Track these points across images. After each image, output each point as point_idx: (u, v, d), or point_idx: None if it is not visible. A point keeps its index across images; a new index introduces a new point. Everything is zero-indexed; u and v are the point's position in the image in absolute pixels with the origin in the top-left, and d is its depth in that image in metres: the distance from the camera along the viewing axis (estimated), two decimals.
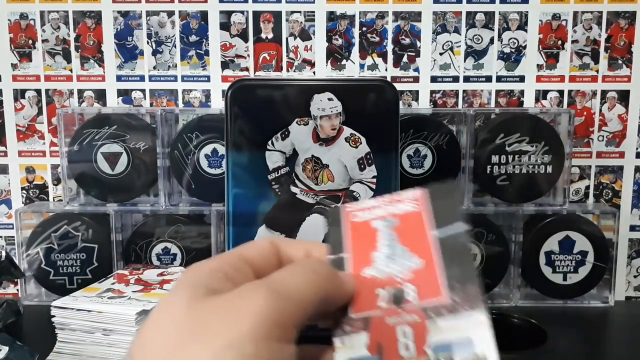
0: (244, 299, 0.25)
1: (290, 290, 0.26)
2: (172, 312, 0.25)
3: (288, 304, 0.25)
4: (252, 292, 0.25)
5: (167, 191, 0.87)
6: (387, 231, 0.32)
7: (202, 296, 0.25)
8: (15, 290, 0.93)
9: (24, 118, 0.92)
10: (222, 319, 0.24)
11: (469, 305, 0.27)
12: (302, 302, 0.26)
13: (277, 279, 0.26)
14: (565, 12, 0.90)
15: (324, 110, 0.73)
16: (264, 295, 0.25)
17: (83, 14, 0.90)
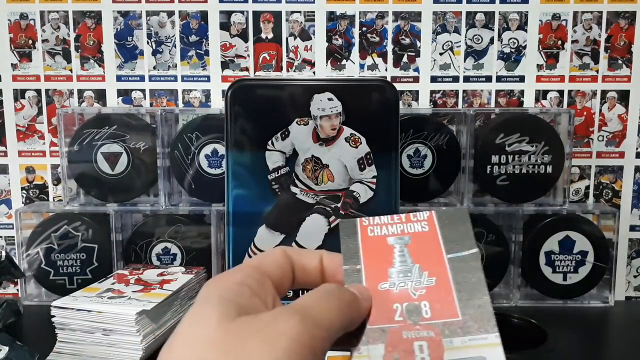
0: (278, 324, 0.25)
1: (321, 317, 0.26)
2: (204, 329, 0.25)
3: (320, 330, 0.26)
4: (286, 318, 0.25)
5: (167, 191, 0.87)
6: (401, 248, 0.33)
7: (234, 315, 0.25)
8: (15, 290, 0.93)
9: (24, 118, 0.92)
10: (258, 341, 0.24)
11: (483, 328, 0.28)
12: (330, 329, 0.26)
13: (308, 304, 0.27)
14: (565, 12, 0.90)
15: (324, 110, 0.73)
16: (297, 321, 0.25)
17: (83, 14, 0.90)
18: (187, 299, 0.76)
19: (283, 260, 0.31)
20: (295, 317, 0.25)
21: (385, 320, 0.30)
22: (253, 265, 0.30)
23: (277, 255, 0.31)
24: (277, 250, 0.32)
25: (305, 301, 0.27)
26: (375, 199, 0.74)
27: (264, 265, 0.30)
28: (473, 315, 0.29)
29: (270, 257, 0.31)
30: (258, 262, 0.30)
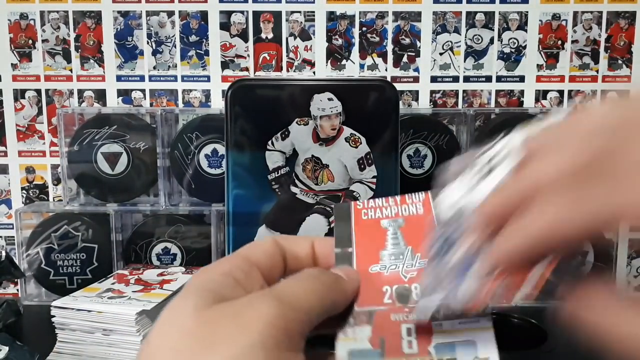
0: (253, 308, 0.25)
1: (298, 300, 0.26)
2: (179, 319, 0.25)
3: (296, 313, 0.25)
4: (260, 302, 0.25)
5: (167, 191, 0.87)
6: (394, 231, 0.33)
7: (210, 303, 0.25)
8: (15, 290, 0.93)
9: (24, 118, 0.92)
10: (231, 327, 0.24)
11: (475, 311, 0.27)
12: (309, 312, 0.26)
13: (285, 288, 0.27)
14: (565, 12, 0.90)
15: (324, 110, 0.73)
16: (273, 305, 0.25)
17: (83, 14, 0.90)
18: None
19: (273, 249, 0.31)
20: (270, 300, 0.25)
21: (373, 303, 0.29)
22: (242, 255, 0.29)
23: (267, 244, 0.31)
24: (268, 239, 0.31)
25: (283, 285, 0.27)
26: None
27: (253, 255, 0.29)
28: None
29: (260, 247, 0.30)
30: (247, 252, 0.30)
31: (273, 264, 0.30)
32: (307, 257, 0.32)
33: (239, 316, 0.24)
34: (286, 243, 0.32)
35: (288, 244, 0.32)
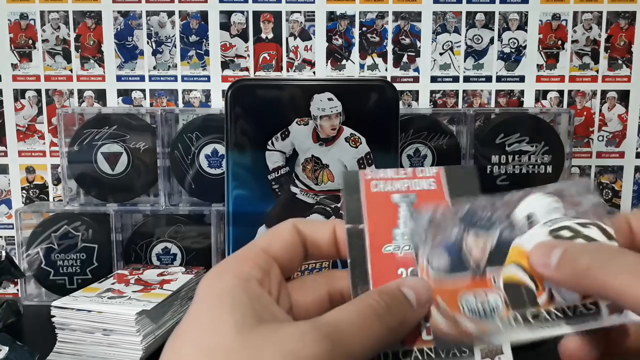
0: (306, 347, 0.23)
1: (355, 346, 0.25)
2: (219, 337, 0.23)
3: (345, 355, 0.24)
4: (314, 341, 0.24)
5: (167, 191, 0.87)
6: (407, 207, 0.31)
7: (251, 323, 0.24)
8: (15, 290, 0.93)
9: (24, 118, 0.92)
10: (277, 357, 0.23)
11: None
12: (354, 346, 0.25)
13: (343, 329, 0.25)
14: (565, 12, 0.90)
15: (324, 110, 0.73)
16: (326, 349, 0.24)
17: (83, 14, 0.90)
18: (187, 299, 0.76)
19: (293, 238, 0.29)
20: (324, 342, 0.24)
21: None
22: (259, 248, 0.28)
23: (286, 233, 0.30)
24: (288, 226, 0.30)
25: (340, 321, 0.25)
26: None
27: (272, 248, 0.28)
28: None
29: (279, 237, 0.29)
30: (267, 244, 0.29)
31: (292, 256, 0.29)
32: (328, 242, 0.30)
33: (287, 350, 0.23)
34: (307, 229, 0.30)
35: (309, 230, 0.30)
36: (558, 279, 0.28)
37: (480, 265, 0.29)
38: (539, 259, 0.28)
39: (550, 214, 0.30)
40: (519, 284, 0.29)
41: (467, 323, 0.28)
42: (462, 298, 0.29)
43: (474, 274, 0.29)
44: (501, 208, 0.30)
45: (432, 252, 0.30)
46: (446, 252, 0.29)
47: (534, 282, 0.29)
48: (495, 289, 0.29)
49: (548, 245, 0.28)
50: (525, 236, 0.29)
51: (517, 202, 0.30)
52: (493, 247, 0.30)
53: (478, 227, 0.30)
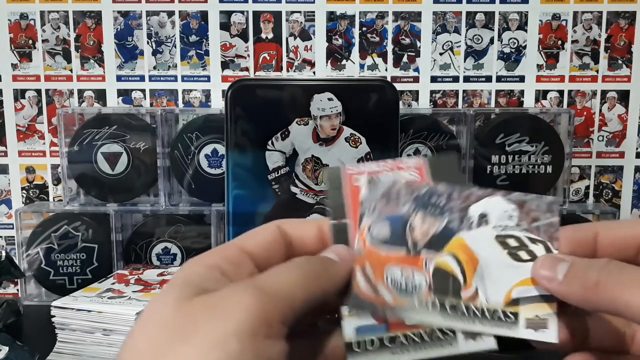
0: (230, 298, 0.25)
1: (276, 288, 0.26)
2: (160, 312, 0.25)
3: (273, 300, 0.25)
4: (237, 291, 0.25)
5: (167, 191, 0.87)
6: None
7: (190, 296, 0.25)
8: (15, 290, 0.93)
9: (24, 118, 0.92)
10: (207, 317, 0.24)
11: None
12: (289, 299, 0.26)
13: (266, 277, 0.27)
14: (565, 12, 0.90)
15: (324, 110, 0.73)
16: (250, 293, 0.25)
17: (83, 14, 0.90)
18: None
19: (273, 237, 0.30)
20: (248, 289, 0.25)
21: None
22: (234, 244, 0.29)
23: (267, 232, 0.31)
24: (271, 225, 0.31)
25: (265, 274, 0.27)
26: None
27: (247, 245, 0.29)
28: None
29: (258, 236, 0.30)
30: (242, 242, 0.30)
31: (271, 253, 0.30)
32: (314, 240, 0.31)
33: (216, 306, 0.24)
34: (291, 228, 0.31)
35: (293, 228, 0.31)
36: (565, 293, 0.28)
37: (417, 246, 0.30)
38: (544, 272, 0.29)
39: (504, 220, 0.30)
40: (449, 273, 0.30)
41: (385, 293, 0.29)
42: (389, 269, 0.30)
43: (408, 252, 0.30)
44: (458, 200, 0.31)
45: (376, 220, 0.31)
46: (390, 224, 0.30)
47: (463, 277, 0.30)
48: (424, 271, 0.30)
49: (554, 258, 0.29)
50: (471, 232, 0.30)
51: (476, 199, 0.31)
52: (437, 233, 0.30)
53: (428, 211, 0.31)
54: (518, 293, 0.29)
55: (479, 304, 0.29)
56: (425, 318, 0.29)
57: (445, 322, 0.29)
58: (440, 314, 0.29)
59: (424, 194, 0.31)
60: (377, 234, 0.30)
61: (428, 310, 0.29)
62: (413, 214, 0.31)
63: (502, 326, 0.29)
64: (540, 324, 0.29)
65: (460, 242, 0.30)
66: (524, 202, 0.31)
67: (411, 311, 0.29)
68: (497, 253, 0.30)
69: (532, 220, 0.30)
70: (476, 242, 0.30)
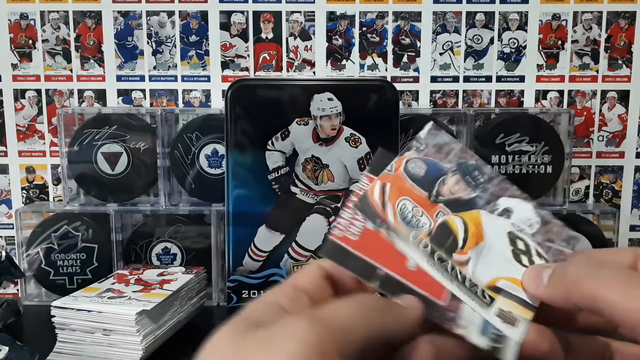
0: (284, 328, 0.24)
1: (334, 320, 0.25)
2: (218, 346, 0.25)
3: (330, 332, 0.25)
4: (292, 321, 0.25)
5: (167, 191, 0.87)
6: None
7: (246, 330, 0.25)
8: (15, 290, 0.93)
9: (24, 118, 0.92)
10: (263, 349, 0.24)
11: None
12: (346, 330, 0.25)
13: (321, 308, 0.26)
14: (565, 12, 0.90)
15: (324, 110, 0.73)
16: (306, 323, 0.24)
17: (83, 14, 0.90)
18: (187, 299, 0.76)
19: (316, 273, 0.30)
20: (304, 319, 0.25)
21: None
22: (289, 282, 0.30)
23: (310, 269, 0.31)
24: (312, 264, 0.31)
25: (324, 306, 0.27)
26: None
27: (298, 282, 0.30)
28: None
29: (304, 273, 0.31)
30: (293, 280, 0.30)
31: (318, 288, 0.30)
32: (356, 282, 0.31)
33: (270, 337, 0.24)
34: (331, 266, 0.31)
35: (334, 267, 0.31)
36: (549, 296, 0.29)
37: (439, 197, 0.33)
38: (531, 281, 0.30)
39: (524, 224, 0.33)
40: (453, 231, 0.32)
41: (390, 212, 0.32)
42: (403, 199, 0.32)
43: (429, 197, 0.32)
44: (496, 186, 0.33)
45: (417, 160, 0.33)
46: (427, 168, 0.33)
47: (463, 242, 0.32)
48: (433, 219, 0.32)
49: (540, 268, 0.30)
50: (490, 216, 0.33)
51: (510, 194, 0.33)
52: (462, 198, 0.33)
53: (465, 180, 0.33)
54: (503, 285, 0.31)
55: (465, 271, 0.31)
56: (412, 252, 0.31)
57: (427, 267, 0.30)
58: (427, 258, 0.31)
59: (470, 164, 0.33)
60: (413, 168, 0.33)
61: (418, 248, 0.31)
62: (451, 173, 0.33)
63: (475, 301, 0.30)
64: (511, 320, 0.30)
65: (477, 216, 0.32)
66: (549, 222, 0.33)
67: (403, 240, 0.31)
68: (503, 244, 0.32)
69: (548, 239, 0.32)
70: (490, 225, 0.32)
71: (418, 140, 0.34)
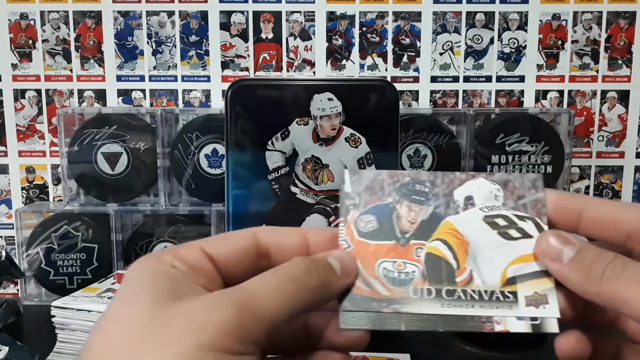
0: (211, 311, 0.24)
1: (266, 309, 0.25)
2: (136, 311, 0.25)
3: (258, 323, 0.25)
4: (221, 307, 0.25)
5: (167, 191, 0.87)
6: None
7: (167, 300, 0.25)
8: (15, 290, 0.93)
9: (24, 118, 0.92)
10: (183, 327, 0.24)
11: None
12: (272, 319, 0.25)
13: (254, 294, 0.26)
14: (565, 12, 0.90)
15: (324, 110, 0.73)
16: (232, 314, 0.24)
17: (83, 14, 0.90)
18: None
19: (245, 245, 0.30)
20: (231, 308, 0.25)
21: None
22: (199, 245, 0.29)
23: (238, 238, 0.30)
24: (244, 232, 0.30)
25: (253, 286, 0.26)
26: None
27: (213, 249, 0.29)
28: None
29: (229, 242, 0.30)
30: (206, 243, 0.29)
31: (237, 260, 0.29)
32: (296, 249, 0.30)
33: (194, 317, 0.24)
34: (269, 236, 0.30)
35: (272, 236, 0.31)
36: (567, 278, 0.28)
37: (406, 236, 0.30)
38: (549, 249, 0.29)
39: (490, 200, 0.31)
40: (441, 258, 0.30)
41: (379, 286, 0.29)
42: (380, 265, 0.30)
43: (397, 241, 0.30)
44: (442, 185, 0.31)
45: (362, 215, 0.31)
46: (376, 217, 0.31)
47: (456, 261, 0.30)
48: (416, 260, 0.30)
49: (561, 238, 0.29)
50: (459, 216, 0.31)
51: (460, 183, 0.31)
52: (424, 219, 0.31)
53: (413, 200, 0.31)
54: (514, 271, 0.29)
55: (475, 286, 0.29)
56: (422, 307, 0.29)
57: (443, 310, 0.29)
58: (438, 301, 0.29)
59: (407, 182, 0.31)
60: (364, 227, 0.31)
61: (424, 299, 0.29)
62: (399, 203, 0.31)
63: (502, 307, 0.29)
64: (540, 300, 0.29)
65: (449, 226, 0.30)
66: (508, 181, 0.31)
67: (407, 302, 0.29)
68: (487, 234, 0.30)
69: (518, 197, 0.31)
70: (465, 225, 0.30)
71: (348, 197, 0.31)
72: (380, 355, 0.66)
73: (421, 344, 0.71)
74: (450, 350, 0.69)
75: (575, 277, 0.27)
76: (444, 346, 0.70)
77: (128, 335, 0.24)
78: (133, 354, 0.23)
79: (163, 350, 0.23)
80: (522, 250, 0.30)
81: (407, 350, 0.67)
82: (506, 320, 0.29)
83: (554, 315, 0.29)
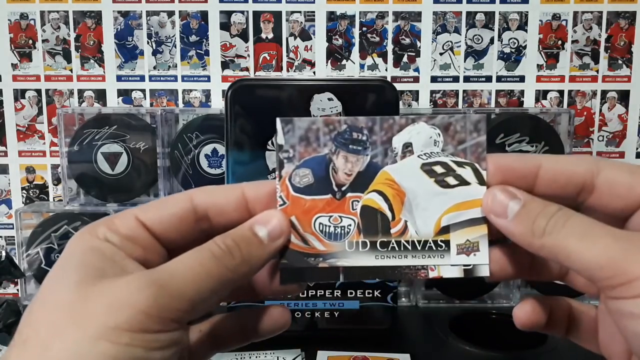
0: (129, 291, 0.25)
1: (184, 291, 0.26)
2: (61, 292, 0.25)
3: (177, 304, 0.25)
4: (139, 285, 0.25)
5: (167, 191, 0.87)
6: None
7: (92, 280, 0.25)
8: (15, 290, 0.93)
9: (24, 118, 0.92)
10: (102, 306, 0.24)
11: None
12: (194, 299, 0.26)
13: (169, 273, 0.26)
14: (565, 12, 0.90)
15: (324, 110, 0.73)
16: (149, 295, 0.25)
17: (83, 14, 0.90)
18: None
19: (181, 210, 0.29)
20: (150, 288, 0.25)
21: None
22: (134, 213, 0.29)
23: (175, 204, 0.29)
24: (180, 197, 0.29)
25: (174, 268, 0.26)
26: None
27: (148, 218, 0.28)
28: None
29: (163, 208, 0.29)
30: (140, 211, 0.29)
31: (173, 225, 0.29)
32: (235, 207, 0.29)
33: (113, 297, 0.24)
34: (206, 197, 0.29)
35: (209, 197, 0.29)
36: (511, 232, 0.28)
37: (342, 189, 0.30)
38: (494, 205, 0.28)
39: (429, 146, 0.29)
40: (377, 210, 0.29)
41: (315, 242, 0.29)
42: (316, 220, 0.29)
43: (334, 195, 0.30)
44: (380, 133, 0.29)
45: (297, 169, 0.30)
46: (311, 171, 0.30)
47: (391, 212, 0.29)
48: (352, 214, 0.29)
49: (507, 193, 0.28)
50: (396, 165, 0.29)
51: (399, 129, 0.29)
52: (361, 170, 0.30)
53: (350, 150, 0.29)
54: (448, 220, 0.29)
55: (409, 237, 0.29)
56: (357, 260, 0.29)
57: (377, 262, 0.29)
58: (371, 253, 0.29)
59: (344, 130, 0.29)
60: (299, 182, 0.30)
61: (359, 252, 0.29)
62: (335, 154, 0.30)
63: (434, 256, 0.29)
64: (472, 248, 0.29)
65: (386, 176, 0.29)
66: (449, 125, 0.29)
67: (342, 255, 0.29)
68: (424, 182, 0.29)
69: (458, 142, 0.29)
70: (402, 174, 0.29)
71: (282, 150, 0.29)
72: (380, 355, 0.66)
73: (421, 344, 0.71)
74: (450, 350, 0.69)
75: (520, 231, 0.27)
76: (444, 346, 0.70)
77: (51, 317, 0.24)
78: (54, 336, 0.24)
79: (80, 331, 0.24)
80: (458, 198, 0.29)
81: (407, 350, 0.67)
82: (439, 267, 0.29)
83: (483, 262, 0.29)
